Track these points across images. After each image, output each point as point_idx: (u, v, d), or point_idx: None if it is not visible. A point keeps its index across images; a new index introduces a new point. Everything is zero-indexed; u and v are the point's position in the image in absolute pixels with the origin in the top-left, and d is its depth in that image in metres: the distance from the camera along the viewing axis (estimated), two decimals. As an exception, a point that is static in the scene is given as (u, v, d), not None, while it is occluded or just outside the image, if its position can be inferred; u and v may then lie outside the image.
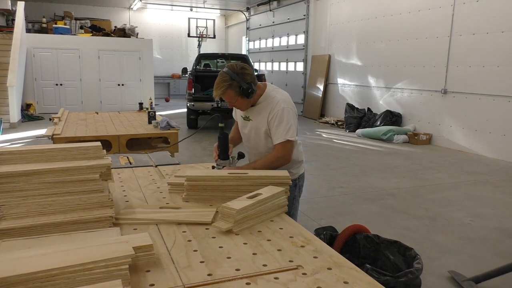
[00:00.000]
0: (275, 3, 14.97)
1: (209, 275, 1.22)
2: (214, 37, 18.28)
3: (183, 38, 19.28)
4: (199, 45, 18.10)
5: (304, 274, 1.24)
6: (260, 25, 16.45)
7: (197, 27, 17.68)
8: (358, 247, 2.30)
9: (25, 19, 12.25)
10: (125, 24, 15.47)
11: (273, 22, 15.36)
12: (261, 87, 2.33)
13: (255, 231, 1.57)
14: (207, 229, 1.58)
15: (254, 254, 1.37)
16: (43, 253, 1.10)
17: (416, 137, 8.58)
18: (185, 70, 11.52)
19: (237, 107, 2.33)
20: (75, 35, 13.32)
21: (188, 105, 9.62)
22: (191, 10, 18.55)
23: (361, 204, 4.82)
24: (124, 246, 1.15)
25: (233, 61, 11.60)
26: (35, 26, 13.91)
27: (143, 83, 13.56)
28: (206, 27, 17.85)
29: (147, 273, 1.22)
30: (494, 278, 2.94)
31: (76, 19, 14.44)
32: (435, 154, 7.65)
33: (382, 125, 9.22)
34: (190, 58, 19.08)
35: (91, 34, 13.54)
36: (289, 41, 14.36)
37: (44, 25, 13.66)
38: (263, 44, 16.49)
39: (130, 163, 2.75)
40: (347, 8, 11.24)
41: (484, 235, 3.95)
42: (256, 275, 1.22)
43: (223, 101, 2.44)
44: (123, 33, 13.95)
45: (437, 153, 7.74)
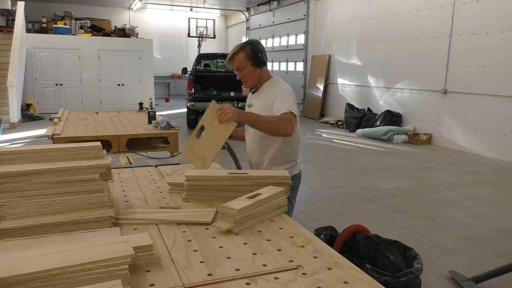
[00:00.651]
0: (275, 3, 14.97)
1: (209, 275, 1.22)
2: (214, 37, 18.28)
3: (183, 38, 19.29)
4: (199, 45, 18.11)
5: (304, 274, 1.24)
6: (260, 25, 16.45)
7: (197, 27, 17.68)
8: (358, 247, 2.30)
9: (25, 19, 12.26)
10: (125, 24, 15.48)
11: (273, 22, 15.36)
12: (268, 74, 2.46)
13: (255, 231, 1.57)
14: (207, 229, 1.58)
15: (254, 254, 1.37)
16: (43, 253, 1.10)
17: (416, 137, 8.58)
18: (185, 70, 11.53)
19: (244, 77, 2.38)
20: (75, 35, 13.33)
21: (188, 105, 9.63)
22: (191, 10, 18.56)
23: (361, 204, 4.82)
24: (124, 246, 1.15)
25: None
26: (35, 26, 13.92)
27: (143, 83, 13.57)
28: (206, 27, 17.85)
29: (147, 273, 1.21)
30: (494, 278, 2.94)
31: (76, 19, 14.44)
32: (435, 154, 7.65)
33: (382, 125, 9.22)
34: (190, 58, 19.08)
35: (91, 34, 13.55)
36: (289, 41, 14.36)
37: (44, 25, 13.67)
38: (263, 44, 16.46)
39: (130, 163, 2.75)
40: (347, 8, 11.24)
41: (484, 235, 3.95)
42: (256, 275, 1.22)
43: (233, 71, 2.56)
44: (123, 33, 13.95)
45: (437, 153, 7.74)
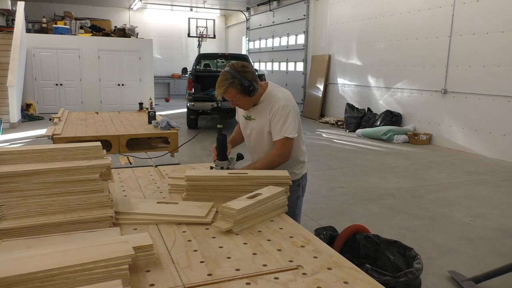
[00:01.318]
0: (275, 3, 14.97)
1: (209, 275, 1.22)
2: (214, 37, 18.28)
3: (183, 38, 19.28)
4: (199, 45, 18.11)
5: (304, 274, 1.24)
6: (260, 25, 16.44)
7: (197, 27, 17.68)
8: (358, 247, 2.30)
9: (25, 19, 12.25)
10: (125, 24, 15.47)
11: (273, 22, 15.35)
12: (262, 86, 2.32)
13: (255, 231, 1.57)
14: (207, 229, 1.58)
15: (254, 254, 1.37)
16: (43, 253, 1.10)
17: (416, 137, 8.58)
18: (185, 70, 11.53)
19: (239, 106, 2.32)
20: (75, 35, 13.32)
21: (188, 105, 9.63)
22: (191, 10, 18.55)
23: (361, 204, 4.82)
24: (124, 246, 1.15)
25: (233, 61, 11.61)
26: (35, 26, 13.92)
27: (143, 83, 13.56)
28: (206, 27, 17.85)
29: (147, 273, 1.22)
30: (494, 278, 2.94)
31: (76, 19, 14.44)
32: (435, 154, 7.65)
33: (382, 125, 9.22)
34: (190, 58, 19.08)
35: (91, 34, 13.54)
36: (289, 41, 14.36)
37: (44, 25, 13.67)
38: (263, 44, 16.48)
39: (130, 163, 2.75)
40: (347, 8, 11.24)
41: (484, 235, 3.95)
42: (256, 275, 1.22)
43: (225, 100, 2.43)
44: (123, 33, 13.95)
45: (437, 153, 7.74)
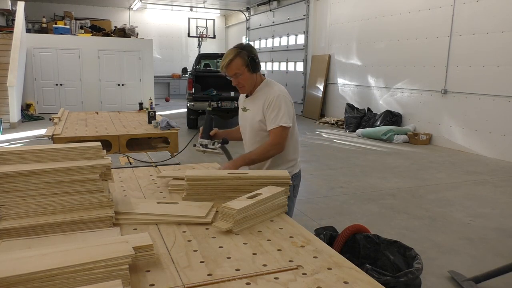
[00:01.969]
0: (275, 3, 14.97)
1: (209, 275, 1.22)
2: (214, 37, 18.28)
3: (183, 38, 19.29)
4: (199, 45, 18.11)
5: (304, 274, 1.24)
6: (260, 25, 16.44)
7: (197, 27, 17.68)
8: (358, 247, 2.30)
9: (25, 19, 12.25)
10: (125, 24, 15.48)
11: (273, 22, 15.35)
12: (260, 77, 2.42)
13: (255, 231, 1.57)
14: (207, 229, 1.58)
15: (254, 254, 1.37)
16: (43, 253, 1.10)
17: (416, 137, 8.58)
18: (185, 70, 11.54)
19: (240, 83, 2.35)
20: (75, 35, 13.33)
21: (188, 105, 9.63)
22: (191, 10, 18.55)
23: (361, 204, 4.82)
24: (124, 246, 1.15)
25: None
26: (35, 26, 13.92)
27: (143, 83, 13.57)
28: (206, 27, 17.85)
29: (147, 273, 1.21)
30: (494, 278, 2.94)
31: (76, 19, 14.44)
32: (435, 154, 7.65)
33: (382, 125, 9.22)
34: (190, 58, 19.08)
35: (91, 34, 13.54)
36: (289, 41, 14.36)
37: (44, 25, 13.67)
38: (263, 44, 16.48)
39: (130, 163, 2.75)
40: (347, 8, 11.24)
41: (484, 235, 3.95)
42: (256, 275, 1.22)
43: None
44: (123, 33, 13.95)
45: (437, 153, 7.74)
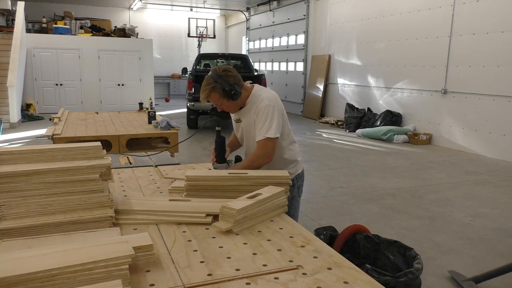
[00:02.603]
0: (275, 3, 14.97)
1: (209, 275, 1.22)
2: (214, 37, 18.28)
3: (183, 38, 19.28)
4: (199, 45, 18.11)
5: (304, 274, 1.24)
6: (260, 25, 16.44)
7: (197, 27, 17.68)
8: (358, 247, 2.30)
9: (25, 19, 12.25)
10: (125, 24, 15.47)
11: (273, 22, 15.35)
12: (248, 88, 2.35)
13: (255, 231, 1.57)
14: (207, 229, 1.58)
15: (254, 254, 1.37)
16: (43, 253, 1.10)
17: (416, 137, 8.58)
18: (185, 70, 11.54)
19: (225, 109, 2.35)
20: (75, 35, 13.32)
21: (188, 105, 9.63)
22: (191, 10, 18.55)
23: (361, 204, 4.82)
24: (124, 246, 1.15)
25: (233, 61, 11.62)
26: (35, 26, 13.92)
27: (143, 83, 13.56)
28: (206, 27, 17.85)
29: (147, 273, 1.22)
30: (494, 278, 2.94)
31: (76, 19, 14.44)
32: (435, 154, 7.65)
33: (382, 125, 9.22)
34: (190, 58, 19.08)
35: (91, 34, 13.54)
36: (289, 41, 14.36)
37: (44, 25, 13.66)
38: (263, 44, 16.48)
39: (130, 163, 2.75)
40: (347, 8, 11.24)
41: (484, 235, 3.95)
42: (256, 275, 1.22)
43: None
44: (123, 33, 13.95)
45: (437, 153, 7.74)
